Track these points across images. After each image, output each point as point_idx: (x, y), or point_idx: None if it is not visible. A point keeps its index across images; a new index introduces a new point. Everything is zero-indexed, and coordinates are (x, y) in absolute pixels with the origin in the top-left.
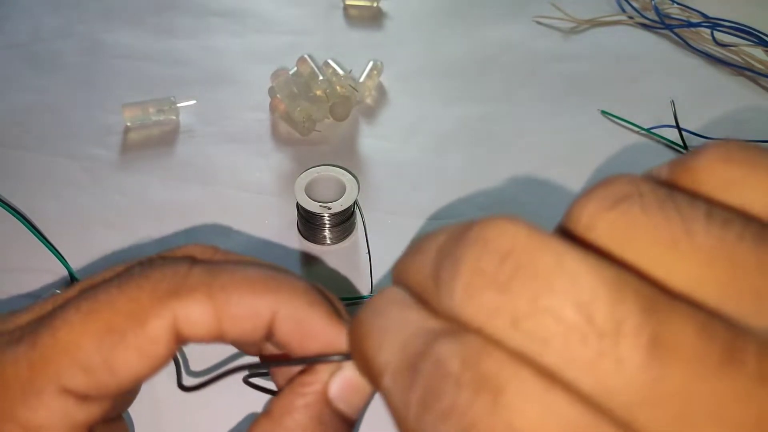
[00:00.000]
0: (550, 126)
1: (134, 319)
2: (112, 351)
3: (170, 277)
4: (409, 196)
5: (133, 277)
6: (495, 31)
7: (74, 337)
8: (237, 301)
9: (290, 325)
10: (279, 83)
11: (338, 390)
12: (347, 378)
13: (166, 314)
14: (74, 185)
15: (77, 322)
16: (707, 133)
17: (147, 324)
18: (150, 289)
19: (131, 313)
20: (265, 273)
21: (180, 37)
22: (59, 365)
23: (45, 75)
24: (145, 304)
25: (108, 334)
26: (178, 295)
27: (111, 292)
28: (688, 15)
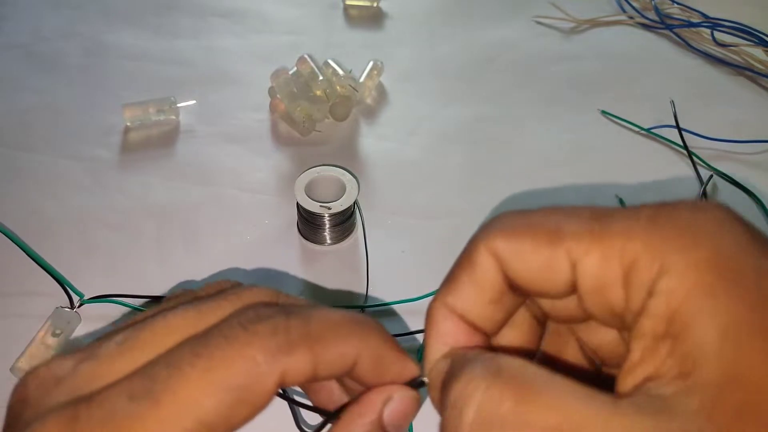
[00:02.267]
0: (550, 126)
1: (251, 377)
2: (232, 408)
3: (277, 332)
4: (409, 196)
5: (240, 331)
6: (495, 31)
7: (196, 397)
8: (331, 350)
9: (371, 363)
10: (279, 83)
11: (390, 416)
12: (399, 405)
13: (277, 370)
14: (74, 185)
15: (197, 379)
16: (707, 133)
17: (262, 381)
18: (261, 346)
19: (248, 372)
20: (347, 317)
21: (180, 37)
22: (184, 424)
23: (45, 75)
24: (260, 361)
25: (227, 393)
26: (287, 352)
27: (223, 347)
28: (688, 15)
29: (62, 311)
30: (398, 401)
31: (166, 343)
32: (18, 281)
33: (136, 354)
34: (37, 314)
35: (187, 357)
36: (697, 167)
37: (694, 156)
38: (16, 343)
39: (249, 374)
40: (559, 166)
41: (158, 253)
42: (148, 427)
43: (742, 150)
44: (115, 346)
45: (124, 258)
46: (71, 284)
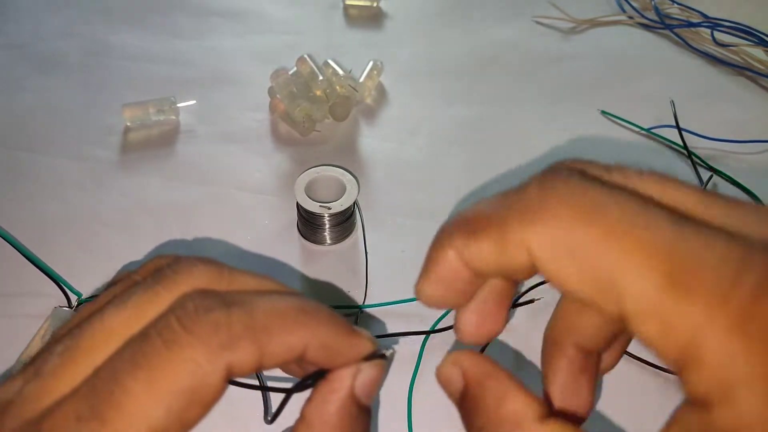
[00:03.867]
0: (550, 126)
1: (195, 379)
2: (181, 411)
3: (218, 329)
4: (409, 196)
5: (179, 331)
6: (495, 31)
7: (143, 410)
8: (276, 341)
9: (320, 350)
10: (279, 83)
11: (361, 387)
12: (368, 376)
13: (221, 366)
14: (74, 185)
15: (141, 392)
16: (707, 133)
17: (208, 380)
18: (202, 346)
19: (192, 375)
20: (293, 305)
21: (180, 37)
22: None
23: (45, 75)
24: (202, 362)
25: (174, 398)
26: (229, 347)
27: (162, 353)
28: (688, 15)
29: (61, 311)
30: (366, 373)
31: (105, 349)
32: (16, 282)
33: (78, 366)
34: (35, 314)
35: (128, 368)
36: (697, 167)
37: (694, 156)
38: (15, 344)
39: (193, 377)
40: None
41: (158, 253)
42: None
43: (742, 150)
44: (57, 359)
45: (123, 258)
46: (69, 284)
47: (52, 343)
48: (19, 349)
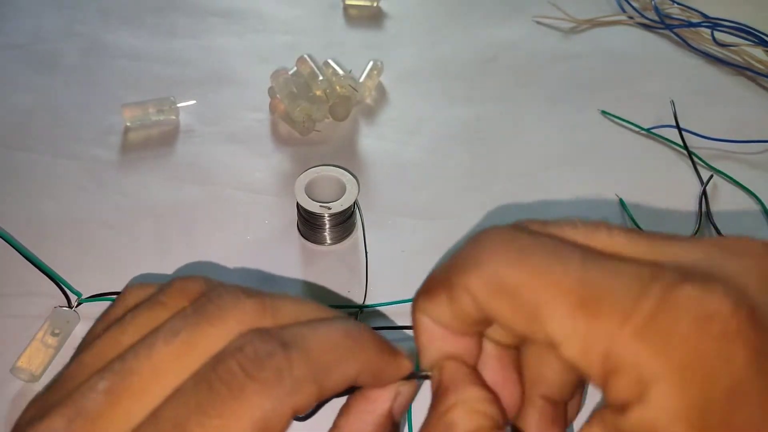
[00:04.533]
0: (550, 126)
1: (264, 426)
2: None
3: (281, 377)
4: (409, 196)
5: (244, 379)
6: (495, 31)
7: None
8: (334, 376)
9: (370, 375)
10: (279, 83)
11: (397, 408)
12: (405, 398)
13: (288, 411)
14: (74, 185)
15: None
16: (707, 133)
17: (276, 425)
18: (269, 394)
19: (261, 421)
20: (342, 333)
21: (180, 37)
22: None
23: (45, 75)
24: (269, 409)
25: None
26: (294, 393)
27: (229, 402)
28: (688, 15)
29: (61, 311)
30: (404, 395)
31: (156, 390)
32: (15, 282)
33: (129, 408)
34: (35, 314)
35: (195, 418)
36: (697, 167)
37: (694, 156)
38: (15, 344)
39: (262, 424)
40: (559, 166)
41: (158, 252)
42: None
43: (742, 150)
44: (102, 398)
45: (123, 258)
46: (69, 284)
47: (94, 377)
48: (19, 349)
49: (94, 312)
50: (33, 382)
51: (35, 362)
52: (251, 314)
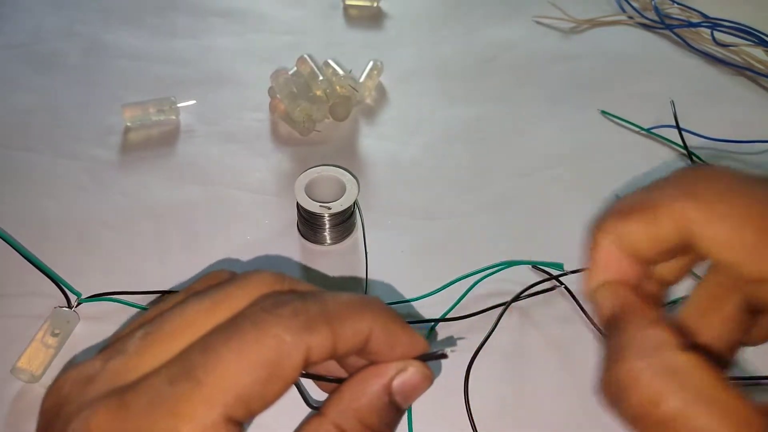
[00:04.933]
0: (550, 126)
1: (280, 354)
2: (265, 384)
3: (297, 314)
4: (409, 196)
5: (264, 314)
6: (495, 31)
7: (234, 375)
8: (348, 326)
9: (383, 337)
10: (279, 83)
11: (399, 385)
12: (409, 377)
13: (303, 345)
14: (75, 185)
15: (232, 360)
16: (707, 133)
17: (290, 357)
18: (285, 326)
19: (277, 349)
20: (356, 297)
21: (180, 37)
22: (225, 400)
23: (45, 75)
24: (287, 339)
25: (261, 369)
26: (309, 329)
27: (251, 330)
28: (688, 15)
29: (60, 311)
30: (411, 373)
31: (187, 335)
32: (15, 282)
33: (161, 347)
34: (35, 314)
35: (221, 340)
36: None
37: (694, 156)
38: (14, 345)
39: (278, 351)
40: (559, 166)
41: (158, 252)
42: (193, 405)
43: (742, 150)
44: (139, 341)
45: (123, 258)
46: (68, 284)
47: (129, 332)
48: (19, 350)
49: (94, 312)
50: (33, 382)
51: (35, 363)
52: (271, 281)
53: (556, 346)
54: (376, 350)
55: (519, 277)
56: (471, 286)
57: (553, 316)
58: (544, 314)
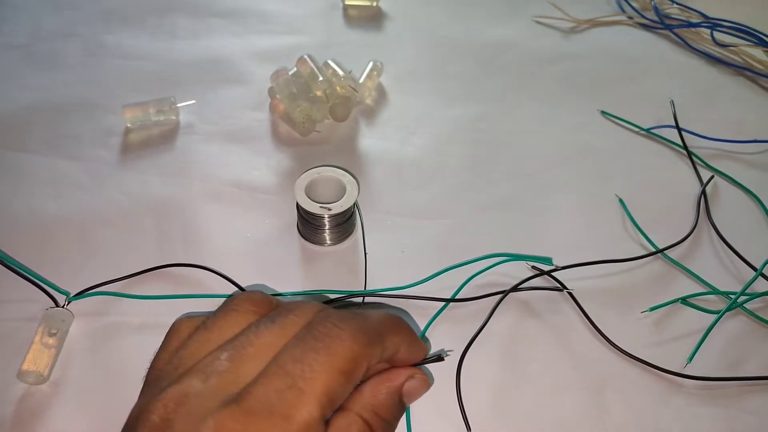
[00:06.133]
0: (550, 126)
1: (356, 363)
2: (345, 385)
3: (361, 330)
4: (409, 197)
5: (337, 330)
6: (495, 31)
7: (325, 383)
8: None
9: (407, 348)
10: (279, 84)
11: (407, 388)
12: (417, 383)
13: (369, 356)
14: (75, 186)
15: (324, 371)
16: (707, 133)
17: (361, 365)
18: (356, 340)
19: (354, 359)
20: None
21: (180, 37)
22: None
23: (45, 75)
24: (360, 351)
25: (343, 376)
26: (371, 343)
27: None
28: (688, 15)
29: (53, 311)
30: (418, 379)
31: (267, 356)
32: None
33: (251, 364)
34: (28, 318)
35: (309, 353)
36: (697, 167)
37: (693, 156)
38: (13, 351)
39: (354, 362)
40: (559, 166)
41: (158, 252)
42: (298, 409)
43: (742, 150)
44: (227, 363)
45: (124, 258)
46: (55, 285)
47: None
48: (14, 353)
49: (88, 308)
50: (41, 383)
51: (41, 363)
52: (320, 306)
53: (553, 341)
54: (401, 358)
55: (520, 273)
56: (475, 274)
57: (549, 312)
58: (540, 309)
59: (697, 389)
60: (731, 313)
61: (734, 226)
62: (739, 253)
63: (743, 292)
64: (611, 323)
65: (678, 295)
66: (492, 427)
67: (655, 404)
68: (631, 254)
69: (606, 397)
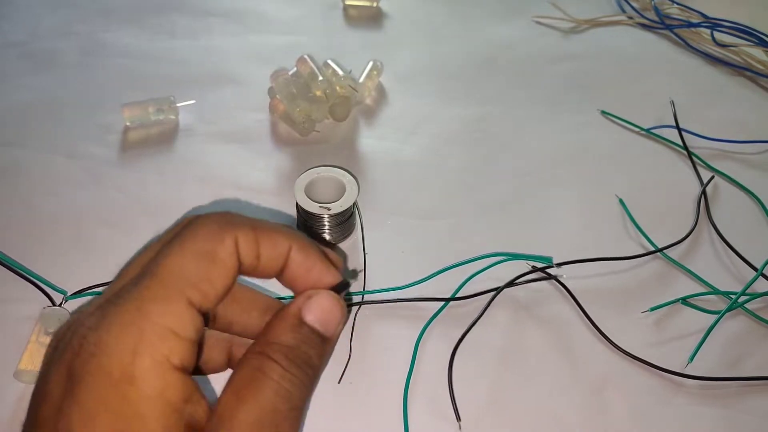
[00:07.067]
0: (550, 126)
1: (214, 241)
2: (209, 268)
3: (224, 217)
4: (408, 196)
5: (199, 219)
6: (495, 31)
7: (180, 263)
8: (269, 235)
9: (300, 258)
10: (278, 84)
11: (310, 311)
12: (318, 301)
13: (231, 235)
14: (74, 184)
15: (177, 253)
16: (707, 133)
17: (225, 243)
18: (216, 222)
19: (211, 238)
20: (279, 223)
21: (180, 37)
22: (179, 285)
23: (44, 74)
24: (217, 230)
25: (202, 255)
26: (234, 225)
27: (188, 232)
28: (688, 15)
29: (49, 310)
30: (319, 297)
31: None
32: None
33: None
34: (27, 316)
35: (167, 245)
36: (697, 167)
37: (693, 156)
38: (9, 350)
39: (212, 241)
40: (559, 166)
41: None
42: (153, 293)
43: (742, 150)
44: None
45: (122, 257)
46: (52, 284)
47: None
48: (11, 353)
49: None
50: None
51: (38, 362)
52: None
53: (553, 341)
54: (294, 274)
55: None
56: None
57: (549, 312)
58: (540, 309)
59: (697, 389)
60: (731, 313)
61: (734, 226)
62: (739, 253)
63: (743, 292)
64: (611, 323)
65: (678, 295)
66: (492, 427)
67: (656, 404)
68: (631, 254)
69: (606, 397)
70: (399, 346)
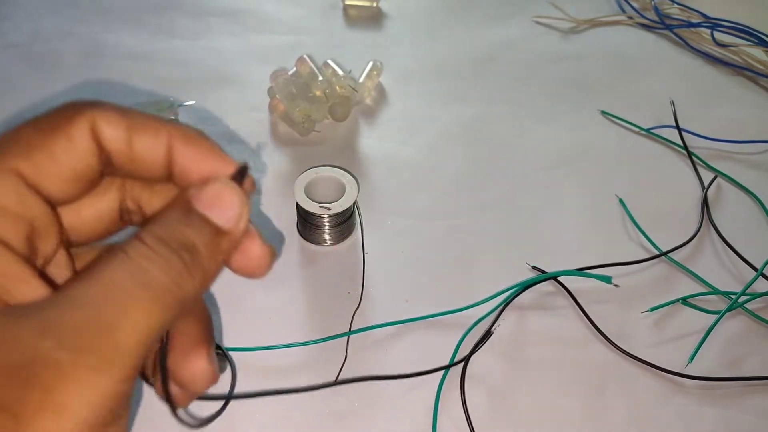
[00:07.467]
0: (549, 126)
1: (63, 117)
2: (47, 138)
3: (88, 100)
4: (408, 196)
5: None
6: (495, 31)
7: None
8: (143, 122)
9: (187, 148)
10: (278, 84)
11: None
12: (213, 189)
13: (86, 113)
14: None
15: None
16: (707, 133)
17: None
18: (74, 102)
19: (61, 114)
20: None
21: (180, 37)
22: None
23: (44, 75)
24: (70, 107)
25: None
26: (94, 105)
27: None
28: (688, 15)
29: None
30: (212, 185)
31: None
32: None
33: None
34: None
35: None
36: (697, 167)
37: (693, 156)
38: None
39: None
40: (559, 166)
41: None
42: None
43: (742, 150)
44: None
45: None
46: None
47: None
48: None
49: None
50: None
51: None
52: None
53: (553, 341)
54: (184, 168)
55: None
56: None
57: (550, 312)
58: (541, 309)
59: (697, 389)
60: (732, 313)
61: (734, 226)
62: (739, 253)
63: (744, 292)
64: (612, 323)
65: (678, 295)
66: (492, 427)
67: (656, 404)
68: (632, 254)
69: (607, 397)
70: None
